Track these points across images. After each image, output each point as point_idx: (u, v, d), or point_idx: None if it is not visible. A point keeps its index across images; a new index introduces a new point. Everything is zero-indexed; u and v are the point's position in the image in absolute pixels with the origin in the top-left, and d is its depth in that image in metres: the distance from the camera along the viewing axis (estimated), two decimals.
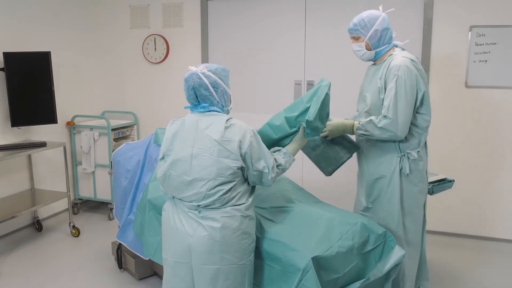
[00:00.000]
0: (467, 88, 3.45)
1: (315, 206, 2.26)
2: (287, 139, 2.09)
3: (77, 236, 3.68)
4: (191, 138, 1.82)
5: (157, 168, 1.97)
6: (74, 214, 4.21)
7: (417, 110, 2.22)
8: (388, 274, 2.09)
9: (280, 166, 1.91)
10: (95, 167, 4.12)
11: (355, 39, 2.28)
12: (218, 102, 1.87)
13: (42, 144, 3.45)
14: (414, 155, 2.26)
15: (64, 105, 4.04)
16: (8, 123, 3.54)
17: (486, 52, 3.34)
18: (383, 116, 2.16)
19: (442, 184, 2.69)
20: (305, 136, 2.05)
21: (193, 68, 1.85)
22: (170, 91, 4.38)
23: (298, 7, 3.82)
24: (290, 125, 2.05)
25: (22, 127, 3.65)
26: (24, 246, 3.50)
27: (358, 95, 2.48)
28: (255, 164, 1.80)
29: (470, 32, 3.36)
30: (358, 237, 2.00)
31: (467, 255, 3.33)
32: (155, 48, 4.35)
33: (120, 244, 2.97)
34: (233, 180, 1.79)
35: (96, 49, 4.45)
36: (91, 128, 4.09)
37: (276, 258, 1.92)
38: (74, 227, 3.68)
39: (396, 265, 2.07)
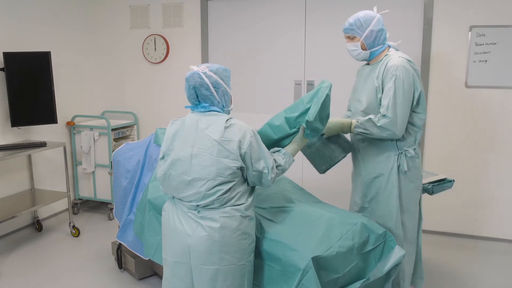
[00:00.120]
0: (467, 88, 3.45)
1: (315, 206, 2.26)
2: (287, 140, 2.09)
3: (77, 236, 3.68)
4: (191, 138, 1.82)
5: (157, 168, 1.98)
6: (74, 214, 4.21)
7: (413, 109, 2.26)
8: (388, 274, 2.09)
9: (279, 167, 1.91)
10: (95, 167, 4.12)
11: (350, 38, 2.31)
12: (218, 102, 1.87)
13: (42, 144, 3.45)
14: (411, 152, 2.30)
15: (64, 105, 4.04)
16: (8, 123, 3.54)
17: (486, 52, 3.34)
18: (382, 115, 2.18)
19: (442, 184, 2.69)
20: (304, 137, 2.05)
21: (194, 68, 1.85)
22: (170, 91, 4.38)
23: (298, 7, 3.82)
24: (290, 125, 2.05)
25: (22, 127, 3.65)
26: (24, 246, 3.50)
27: (350, 95, 2.52)
28: (254, 164, 1.80)
29: (470, 32, 3.36)
30: (358, 237, 2.00)
31: (467, 255, 3.33)
32: (155, 48, 4.35)
33: (120, 244, 2.97)
34: (232, 180, 1.79)
35: (96, 49, 4.45)
36: (91, 128, 4.09)
37: (276, 258, 1.92)
38: (74, 227, 3.68)
39: (396, 265, 2.07)
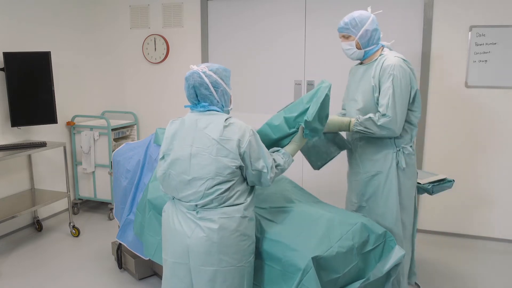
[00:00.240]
0: (467, 88, 3.45)
1: (315, 206, 2.26)
2: (286, 140, 2.08)
3: (77, 236, 3.68)
4: (190, 137, 1.82)
5: (157, 168, 1.98)
6: (74, 214, 4.21)
7: (409, 107, 2.29)
8: (388, 274, 2.09)
9: (279, 167, 1.91)
10: (95, 167, 4.12)
11: (345, 38, 2.34)
12: (218, 102, 1.87)
13: (42, 144, 3.45)
14: (408, 149, 2.35)
15: (64, 105, 4.04)
16: (8, 123, 3.54)
17: (486, 52, 3.34)
18: (382, 114, 2.20)
19: (442, 184, 2.69)
20: (303, 137, 2.05)
21: (194, 67, 1.85)
22: (170, 91, 4.38)
23: (298, 7, 3.82)
24: (289, 125, 2.05)
25: (22, 127, 3.65)
26: (24, 246, 3.50)
27: (344, 95, 2.55)
28: (254, 164, 1.80)
29: (470, 32, 3.36)
30: (358, 237, 2.00)
31: (467, 255, 3.33)
32: (155, 48, 4.35)
33: (120, 244, 2.97)
34: (231, 179, 1.79)
35: (96, 49, 4.45)
36: (91, 128, 4.09)
37: (276, 258, 1.92)
38: (74, 227, 3.68)
39: (396, 265, 2.07)
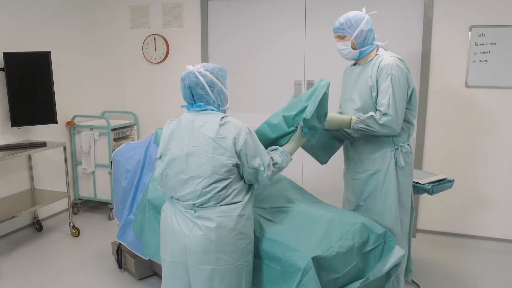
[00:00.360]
0: (467, 88, 3.45)
1: (315, 206, 2.26)
2: (285, 138, 2.08)
3: (77, 236, 3.68)
4: (187, 137, 1.83)
5: (155, 171, 1.98)
6: (74, 214, 4.21)
7: (406, 106, 2.31)
8: (388, 274, 2.09)
9: (276, 165, 1.91)
10: (95, 167, 4.12)
11: (341, 38, 2.35)
12: (214, 102, 1.87)
13: (42, 144, 3.45)
14: (406, 147, 2.38)
15: (64, 105, 4.04)
16: (8, 123, 3.54)
17: (486, 52, 3.34)
18: (384, 113, 2.21)
19: (442, 184, 2.69)
20: (302, 136, 2.05)
21: (190, 67, 1.86)
22: (170, 91, 4.38)
23: (298, 7, 3.82)
24: (288, 124, 2.05)
25: (22, 127, 3.65)
26: (24, 246, 3.50)
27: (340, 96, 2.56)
28: (250, 162, 1.80)
29: (470, 32, 3.36)
30: (358, 237, 2.00)
31: (467, 255, 3.33)
32: (155, 48, 4.35)
33: (120, 244, 2.97)
34: (228, 178, 1.80)
35: (96, 49, 4.45)
36: (91, 128, 4.09)
37: (276, 258, 1.92)
38: (74, 227, 3.68)
39: (396, 265, 2.07)
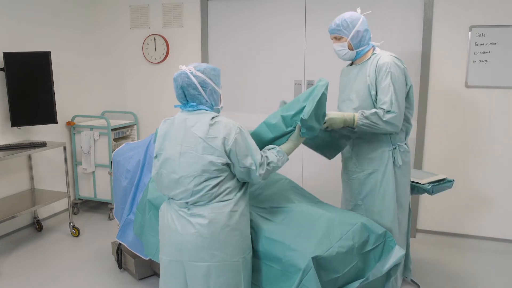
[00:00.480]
0: (467, 88, 3.44)
1: (315, 206, 2.27)
2: (284, 138, 2.07)
3: (77, 236, 3.68)
4: (180, 137, 1.85)
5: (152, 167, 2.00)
6: (74, 214, 4.21)
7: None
8: (388, 273, 2.09)
9: (271, 164, 1.90)
10: (95, 167, 4.12)
11: (337, 39, 2.37)
12: (207, 101, 1.88)
13: (42, 144, 3.45)
14: (404, 147, 2.40)
15: (64, 105, 4.04)
16: (8, 123, 3.54)
17: (486, 52, 3.34)
18: (387, 110, 2.22)
19: (442, 184, 2.69)
20: (301, 136, 2.05)
21: (183, 67, 1.87)
22: (170, 91, 4.37)
23: (298, 7, 3.82)
24: (286, 124, 2.05)
25: (22, 127, 3.65)
26: (24, 246, 3.50)
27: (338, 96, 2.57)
28: (241, 161, 1.81)
29: (470, 32, 3.36)
30: (358, 237, 2.00)
31: (467, 255, 3.33)
32: (155, 48, 4.35)
33: (120, 244, 2.97)
34: (219, 176, 1.81)
35: (96, 49, 4.45)
36: (91, 128, 4.09)
37: (276, 258, 1.92)
38: (74, 227, 3.68)
39: (396, 265, 2.07)
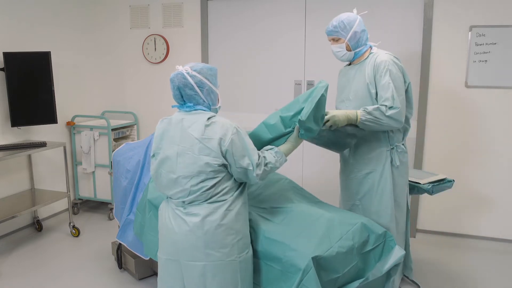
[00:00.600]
0: (467, 88, 3.44)
1: (315, 206, 2.26)
2: (282, 139, 2.07)
3: (77, 236, 3.68)
4: (177, 137, 1.85)
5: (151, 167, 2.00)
6: (74, 214, 4.21)
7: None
8: (388, 273, 2.09)
9: (269, 164, 1.90)
10: (95, 167, 4.12)
11: (335, 40, 2.38)
12: (204, 101, 1.88)
13: (42, 144, 3.45)
14: (401, 147, 2.41)
15: (64, 105, 4.04)
16: (8, 123, 3.54)
17: (486, 52, 3.34)
18: (389, 106, 2.22)
19: (442, 184, 2.70)
20: (299, 137, 2.04)
21: (179, 68, 1.86)
22: (170, 91, 4.35)
23: (298, 7, 3.82)
24: (284, 124, 2.05)
25: (22, 127, 3.65)
26: (24, 246, 3.50)
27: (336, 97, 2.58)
28: (238, 161, 1.80)
29: (470, 32, 3.36)
30: (358, 237, 2.00)
31: (467, 255, 3.33)
32: (155, 48, 4.35)
33: (120, 244, 2.97)
34: (216, 177, 1.81)
35: (96, 49, 4.45)
36: (91, 128, 4.09)
37: (276, 258, 1.92)
38: (74, 227, 3.68)
39: (396, 265, 2.07)
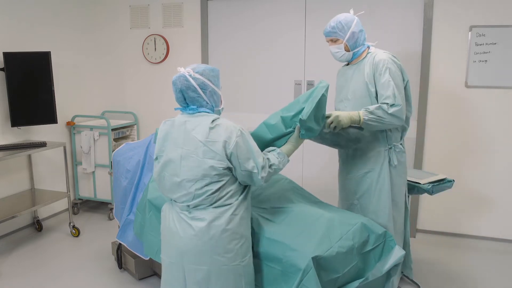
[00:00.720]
0: (467, 88, 3.44)
1: (315, 206, 2.26)
2: (283, 139, 2.07)
3: (77, 236, 3.68)
4: (181, 139, 1.83)
5: (154, 169, 1.99)
6: (74, 214, 4.21)
7: None
8: (388, 273, 2.09)
9: (273, 166, 1.89)
10: (95, 167, 4.12)
11: (333, 41, 2.39)
12: (207, 103, 1.85)
13: (42, 144, 3.45)
14: (399, 147, 2.42)
15: (64, 105, 4.04)
16: (8, 123, 3.54)
17: (486, 52, 3.34)
18: (391, 104, 2.22)
19: (441, 184, 2.70)
20: (300, 137, 2.04)
21: (181, 70, 1.83)
22: (170, 91, 4.33)
23: (298, 7, 3.82)
24: (285, 125, 2.05)
25: (22, 127, 3.65)
26: (24, 246, 3.50)
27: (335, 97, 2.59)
28: (243, 164, 1.78)
29: (470, 32, 3.36)
30: (358, 237, 2.00)
31: (467, 255, 3.33)
32: (155, 48, 4.35)
33: (120, 244, 2.97)
34: (221, 180, 1.79)
35: (96, 49, 4.45)
36: (91, 128, 4.09)
37: (276, 258, 1.92)
38: (74, 227, 3.68)
39: (396, 265, 2.07)
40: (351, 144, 2.45)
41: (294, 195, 2.37)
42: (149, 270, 2.96)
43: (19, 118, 3.49)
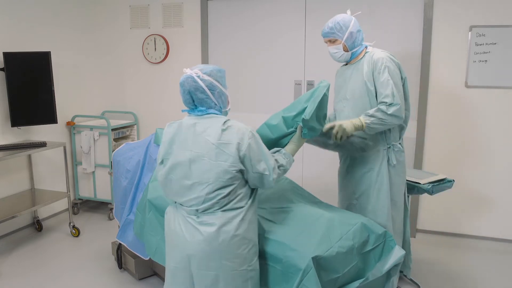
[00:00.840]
0: (467, 88, 3.44)
1: (315, 206, 2.27)
2: (285, 140, 2.07)
3: (77, 236, 3.68)
4: (189, 142, 1.79)
5: (155, 172, 1.96)
6: (74, 214, 4.21)
7: None
8: (388, 273, 2.09)
9: (281, 167, 1.89)
10: (95, 167, 4.12)
11: (332, 42, 2.40)
12: (216, 105, 1.83)
13: (42, 144, 3.45)
14: (398, 146, 2.43)
15: (64, 105, 4.04)
16: (8, 123, 3.54)
17: (486, 52, 3.34)
18: (390, 103, 2.22)
19: (442, 184, 2.70)
20: (302, 137, 2.04)
21: (188, 71, 1.80)
22: (170, 91, 4.38)
23: (298, 7, 3.82)
24: (287, 125, 2.05)
25: (22, 127, 3.65)
26: (24, 246, 3.50)
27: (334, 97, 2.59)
28: (255, 166, 1.76)
29: (470, 32, 3.36)
30: (358, 237, 2.00)
31: (467, 255, 3.33)
32: (155, 48, 4.35)
33: (120, 244, 2.97)
34: (232, 184, 1.76)
35: (96, 49, 4.45)
36: (91, 128, 4.09)
37: (276, 258, 1.91)
38: (74, 227, 3.69)
39: (396, 265, 2.07)
40: (356, 153, 2.46)
41: (294, 195, 2.38)
42: (149, 270, 2.96)
43: (19, 118, 3.49)
